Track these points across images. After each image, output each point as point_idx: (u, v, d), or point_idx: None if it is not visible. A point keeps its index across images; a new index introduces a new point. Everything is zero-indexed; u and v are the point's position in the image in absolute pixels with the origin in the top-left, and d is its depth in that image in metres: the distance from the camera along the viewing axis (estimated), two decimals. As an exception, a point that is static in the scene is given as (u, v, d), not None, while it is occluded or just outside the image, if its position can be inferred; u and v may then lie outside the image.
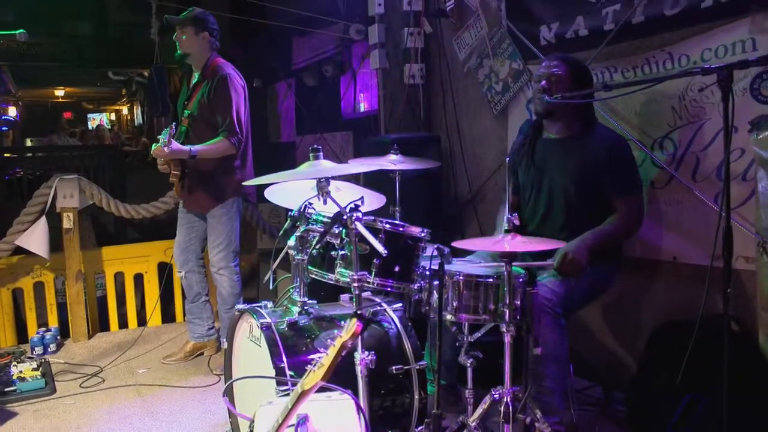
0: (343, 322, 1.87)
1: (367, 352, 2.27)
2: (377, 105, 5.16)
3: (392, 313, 2.82)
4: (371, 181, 3.89)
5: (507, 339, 2.41)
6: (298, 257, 2.73)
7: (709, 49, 3.04)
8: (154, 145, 3.74)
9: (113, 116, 23.30)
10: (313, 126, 6.89)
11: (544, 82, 3.02)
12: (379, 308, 2.84)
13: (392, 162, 3.53)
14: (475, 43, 4.44)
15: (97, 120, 22.79)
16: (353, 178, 4.01)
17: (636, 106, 3.37)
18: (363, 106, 6.17)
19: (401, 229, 2.59)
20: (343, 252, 2.56)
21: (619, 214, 2.97)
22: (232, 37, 7.33)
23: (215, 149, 3.90)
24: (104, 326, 5.15)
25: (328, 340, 1.79)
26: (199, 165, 3.95)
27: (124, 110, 22.06)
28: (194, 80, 4.16)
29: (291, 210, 2.79)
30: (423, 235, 2.62)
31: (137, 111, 19.19)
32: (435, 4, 4.77)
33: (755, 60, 2.32)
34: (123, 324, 5.20)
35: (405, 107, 4.93)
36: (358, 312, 1.91)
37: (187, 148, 3.80)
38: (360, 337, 2.21)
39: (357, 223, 2.28)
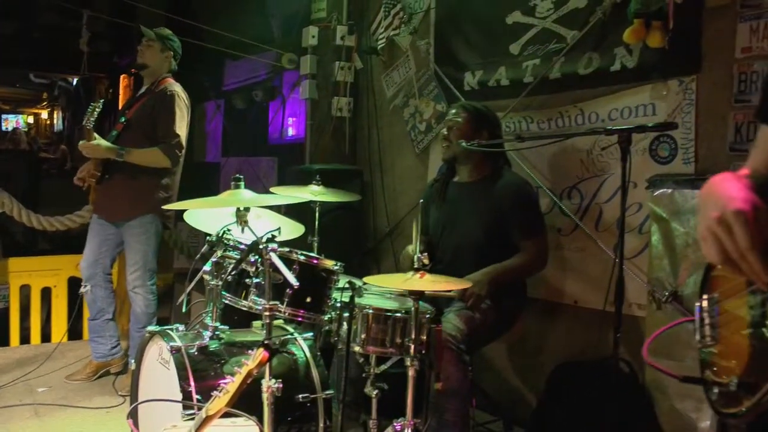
0: (252, 350, 1.92)
1: (274, 380, 2.32)
2: (304, 134, 5.25)
3: (302, 343, 2.87)
4: (293, 208, 3.95)
5: (411, 373, 2.50)
6: (212, 282, 2.76)
7: (616, 109, 3.27)
8: (82, 141, 3.71)
9: (31, 120, 22.48)
10: (240, 149, 6.89)
11: (445, 130, 3.21)
12: (289, 337, 2.89)
13: (313, 193, 3.61)
14: (402, 82, 4.59)
15: (12, 122, 21.92)
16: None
17: (548, 157, 3.57)
18: (291, 131, 6.23)
19: (315, 261, 2.67)
20: (257, 280, 2.61)
21: (524, 253, 3.13)
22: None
23: (148, 156, 3.83)
24: (4, 341, 4.92)
25: (235, 367, 1.83)
26: (125, 171, 3.87)
27: (44, 114, 21.32)
28: (141, 91, 4.14)
29: (209, 234, 2.82)
30: (336, 268, 2.70)
31: (58, 117, 18.61)
32: (367, 42, 4.91)
33: (652, 126, 2.52)
34: (25, 339, 5.00)
35: (331, 139, 5.02)
36: (266, 341, 1.96)
37: (116, 147, 3.76)
38: (268, 364, 2.25)
39: (271, 253, 2.34)
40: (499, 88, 3.81)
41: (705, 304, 1.40)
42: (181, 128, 3.89)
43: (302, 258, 2.62)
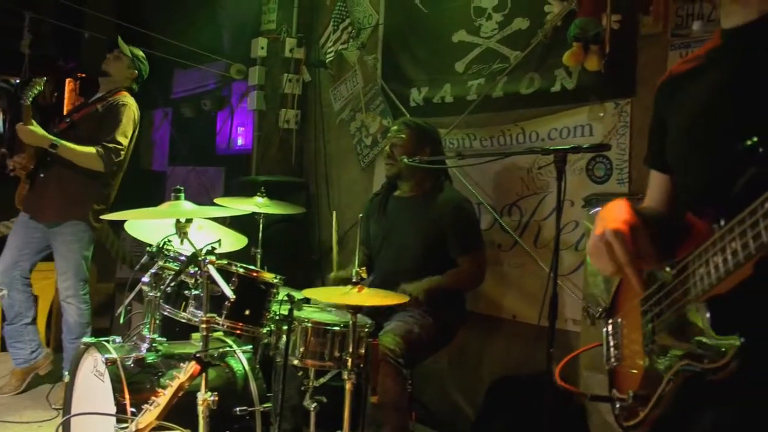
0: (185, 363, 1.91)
1: (210, 393, 2.30)
2: (251, 145, 5.23)
3: (241, 355, 2.86)
4: (238, 219, 3.92)
5: (347, 386, 2.51)
6: (150, 294, 2.73)
7: (556, 129, 3.36)
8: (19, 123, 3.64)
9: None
10: (187, 157, 6.82)
11: (388, 147, 3.25)
12: (228, 349, 2.88)
13: (257, 205, 3.60)
14: (350, 96, 4.63)
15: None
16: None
17: (490, 174, 3.65)
18: (240, 141, 6.20)
19: (254, 273, 2.67)
20: (195, 292, 2.60)
21: (461, 269, 3.18)
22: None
23: (82, 154, 3.72)
24: None
25: (167, 381, 1.82)
26: (61, 172, 3.77)
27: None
28: (94, 97, 4.08)
29: (150, 245, 2.79)
30: (276, 280, 2.71)
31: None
32: (316, 55, 4.94)
33: (586, 147, 2.61)
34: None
35: (278, 150, 5.03)
36: (198, 355, 1.95)
37: (51, 137, 3.69)
38: (204, 377, 2.24)
39: (209, 266, 2.33)
40: (444, 105, 3.88)
41: (610, 328, 1.55)
42: (124, 136, 3.83)
43: (241, 270, 2.62)
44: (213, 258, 2.35)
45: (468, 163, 3.24)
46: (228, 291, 2.30)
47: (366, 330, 2.65)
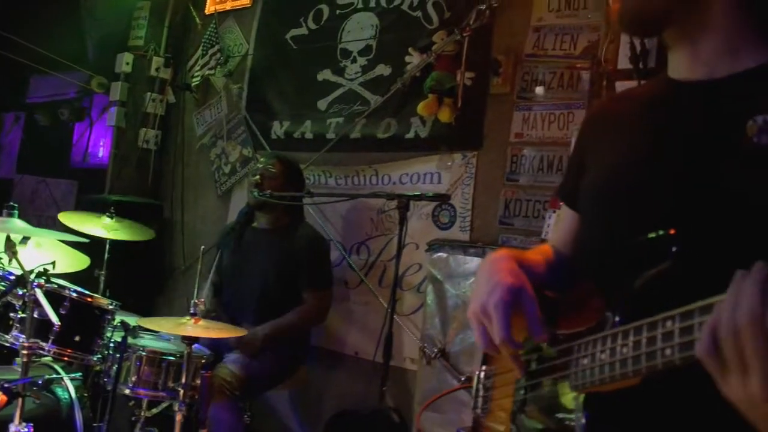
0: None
1: (24, 423, 2.20)
2: (108, 162, 5.06)
3: (68, 383, 2.75)
4: (85, 235, 3.77)
5: (177, 417, 2.48)
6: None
7: (407, 174, 3.51)
8: None
9: None
10: (38, 167, 6.46)
11: (257, 177, 3.26)
12: (55, 377, 2.75)
13: (105, 227, 3.49)
14: (213, 122, 4.60)
15: None
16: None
17: (342, 212, 3.74)
18: (97, 155, 5.95)
19: (89, 299, 2.59)
20: (22, 315, 2.48)
21: (306, 306, 3.24)
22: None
23: None
24: None
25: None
26: None
27: None
28: None
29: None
30: (111, 306, 2.64)
31: None
32: (182, 77, 4.87)
33: (429, 196, 2.76)
34: None
35: (135, 170, 4.89)
36: (5, 385, 1.87)
37: None
38: (20, 407, 2.14)
39: (37, 289, 2.25)
40: (304, 140, 3.94)
41: (483, 375, 1.42)
42: None
43: (74, 295, 2.54)
44: (42, 281, 2.26)
45: (319, 201, 3.31)
46: (53, 316, 2.23)
47: (202, 361, 2.63)
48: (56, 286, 2.47)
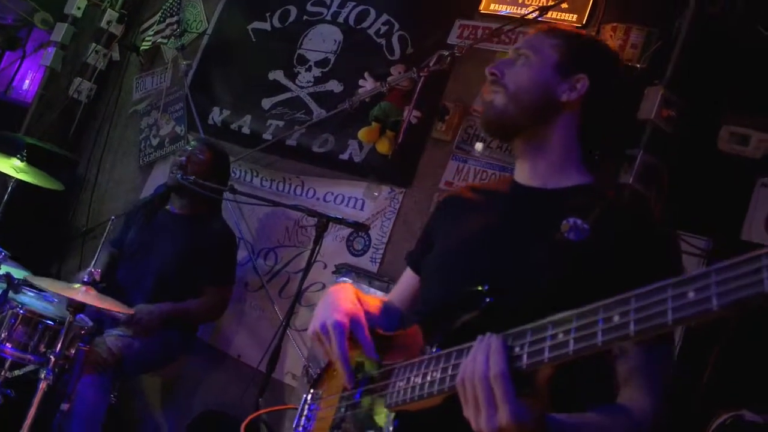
0: None
1: None
2: (31, 101, 4.84)
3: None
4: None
5: (41, 386, 2.37)
6: None
7: (332, 193, 3.52)
8: None
9: None
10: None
11: (184, 159, 3.19)
12: None
13: (14, 168, 3.34)
14: (152, 90, 4.49)
15: None
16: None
17: (260, 214, 3.71)
18: (21, 90, 5.68)
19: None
20: None
21: (206, 299, 3.19)
22: None
23: None
24: None
25: None
26: None
27: None
28: None
29: None
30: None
31: None
32: (133, 38, 4.74)
33: (348, 222, 2.78)
34: None
35: (58, 117, 4.68)
36: None
37: None
38: None
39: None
40: (240, 134, 3.89)
41: (310, 397, 1.56)
42: None
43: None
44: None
45: (240, 200, 3.28)
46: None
47: (82, 332, 2.53)
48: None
